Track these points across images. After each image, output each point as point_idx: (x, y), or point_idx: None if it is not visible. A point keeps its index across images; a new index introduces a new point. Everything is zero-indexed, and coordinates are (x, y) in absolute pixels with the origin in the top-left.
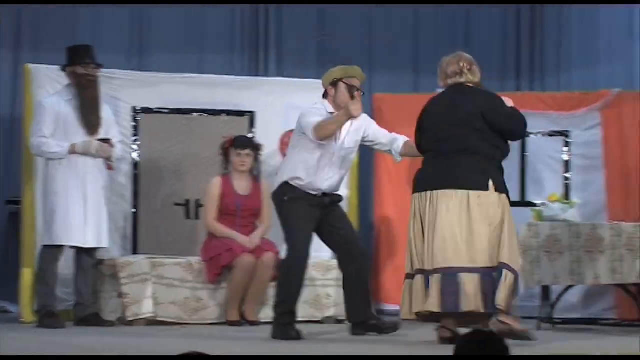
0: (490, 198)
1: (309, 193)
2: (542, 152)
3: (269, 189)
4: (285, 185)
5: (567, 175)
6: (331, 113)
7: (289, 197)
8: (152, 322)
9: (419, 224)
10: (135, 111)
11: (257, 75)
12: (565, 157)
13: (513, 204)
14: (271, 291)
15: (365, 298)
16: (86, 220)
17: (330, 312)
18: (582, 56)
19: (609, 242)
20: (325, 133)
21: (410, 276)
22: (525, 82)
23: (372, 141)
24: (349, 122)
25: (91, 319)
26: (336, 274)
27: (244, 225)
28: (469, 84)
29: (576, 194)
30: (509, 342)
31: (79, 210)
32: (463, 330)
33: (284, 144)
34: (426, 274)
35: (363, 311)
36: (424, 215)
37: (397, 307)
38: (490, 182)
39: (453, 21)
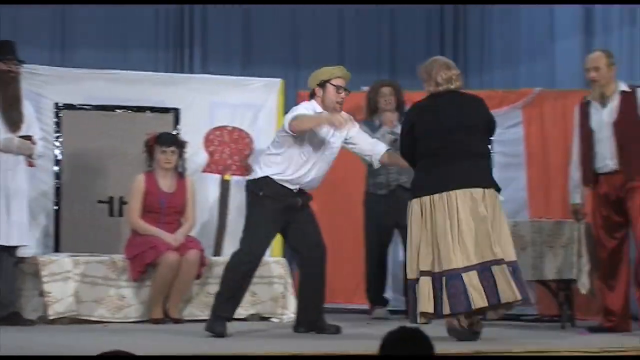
0: (499, 197)
1: (285, 188)
2: None
3: (194, 186)
4: (265, 179)
5: None
6: (319, 113)
7: (264, 193)
8: (74, 320)
9: (426, 226)
10: (58, 107)
11: (182, 72)
12: None
13: None
14: (195, 289)
15: (321, 298)
16: (8, 218)
17: (254, 310)
18: (504, 55)
19: (530, 239)
20: (301, 127)
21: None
22: None
23: (353, 143)
24: None
25: (12, 317)
26: (262, 271)
27: (169, 223)
28: (461, 91)
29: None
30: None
31: (1, 208)
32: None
33: (209, 140)
34: (460, 271)
35: (316, 311)
36: (436, 216)
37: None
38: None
39: (378, 20)
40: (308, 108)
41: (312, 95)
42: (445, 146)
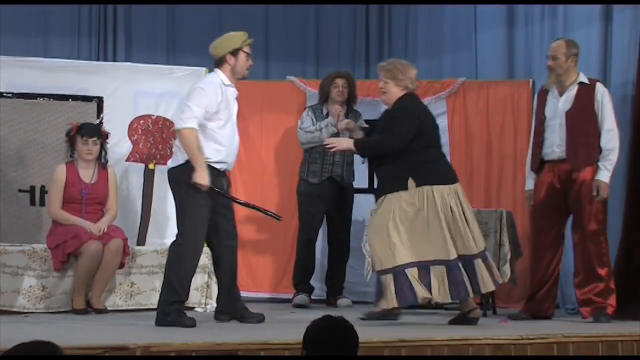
0: None
1: (215, 169)
2: None
3: (115, 176)
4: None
5: None
6: (228, 85)
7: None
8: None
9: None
10: None
11: (105, 60)
12: None
13: (360, 191)
14: (118, 278)
15: (235, 286)
16: None
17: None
18: (428, 45)
19: None
20: (185, 146)
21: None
22: (374, 70)
23: None
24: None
25: None
26: None
27: (91, 213)
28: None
29: None
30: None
31: None
32: None
33: (133, 129)
34: (457, 261)
35: (235, 298)
36: (452, 206)
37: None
38: None
39: (304, 9)
40: (214, 83)
41: (218, 63)
42: (439, 141)
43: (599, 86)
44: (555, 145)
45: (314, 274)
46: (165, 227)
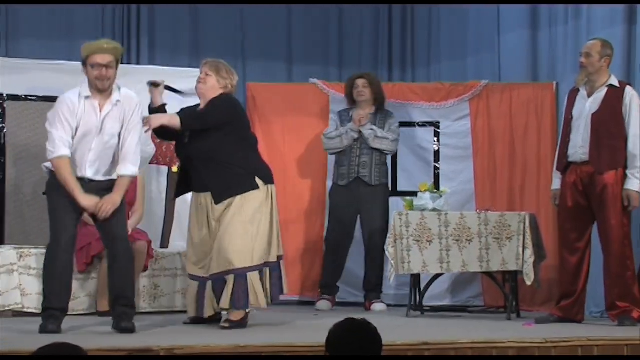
0: None
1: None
2: (413, 142)
3: (144, 179)
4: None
5: (437, 165)
6: (87, 97)
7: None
8: (19, 313)
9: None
10: (2, 98)
11: (128, 63)
12: (435, 147)
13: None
14: (142, 281)
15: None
16: None
17: (157, 303)
18: (452, 48)
19: (477, 231)
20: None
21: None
22: (396, 73)
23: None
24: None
25: None
26: (165, 263)
27: None
28: None
29: (446, 183)
30: None
31: None
32: None
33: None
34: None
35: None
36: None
37: None
38: None
39: (326, 11)
40: (67, 99)
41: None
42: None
43: (629, 89)
44: (578, 146)
45: (341, 278)
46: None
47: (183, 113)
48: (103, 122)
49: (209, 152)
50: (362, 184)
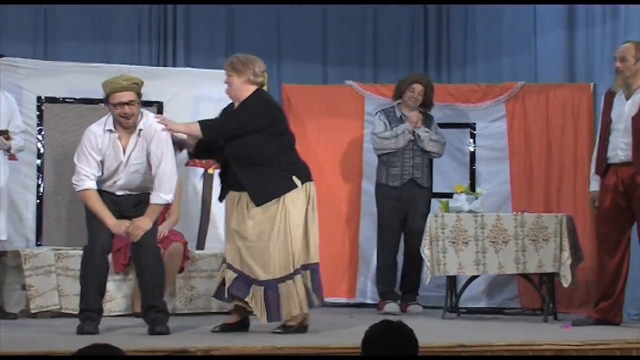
0: None
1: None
2: (449, 143)
3: (181, 181)
4: None
5: (473, 166)
6: (110, 130)
7: None
8: (56, 314)
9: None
10: (40, 101)
11: (165, 65)
12: (472, 149)
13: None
14: (179, 283)
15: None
16: None
17: (193, 305)
18: (488, 49)
19: (513, 233)
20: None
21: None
22: (432, 74)
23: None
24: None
25: None
26: (201, 265)
27: None
28: None
29: (482, 185)
30: None
31: None
32: None
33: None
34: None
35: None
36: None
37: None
38: None
39: (361, 12)
40: (93, 134)
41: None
42: None
43: None
44: (619, 148)
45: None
46: (224, 232)
47: (209, 121)
48: (129, 158)
49: (245, 153)
50: (414, 185)
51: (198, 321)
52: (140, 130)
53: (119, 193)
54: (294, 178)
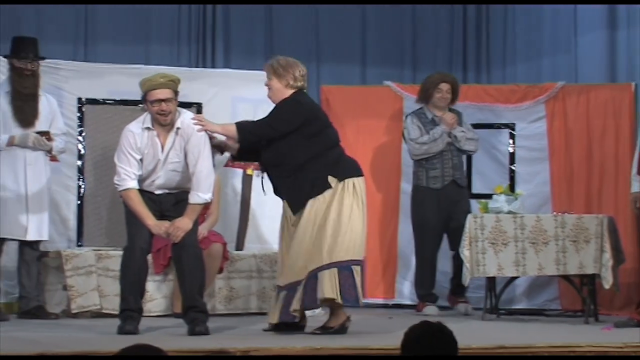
0: None
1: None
2: (488, 144)
3: (220, 182)
4: None
5: (513, 167)
6: (148, 128)
7: None
8: (97, 314)
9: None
10: (81, 102)
11: (204, 66)
12: (511, 149)
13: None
14: (218, 283)
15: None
16: (27, 213)
17: (232, 305)
18: (527, 49)
19: (553, 234)
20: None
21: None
22: (471, 75)
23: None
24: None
25: (35, 311)
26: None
27: None
28: None
29: (521, 185)
30: None
31: (19, 202)
32: None
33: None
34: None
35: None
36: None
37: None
38: None
39: (400, 13)
40: (131, 133)
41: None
42: None
43: None
44: None
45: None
46: (263, 232)
47: (245, 123)
48: (167, 156)
49: (280, 160)
50: (455, 186)
51: (237, 322)
52: (178, 128)
53: (157, 192)
54: (329, 178)
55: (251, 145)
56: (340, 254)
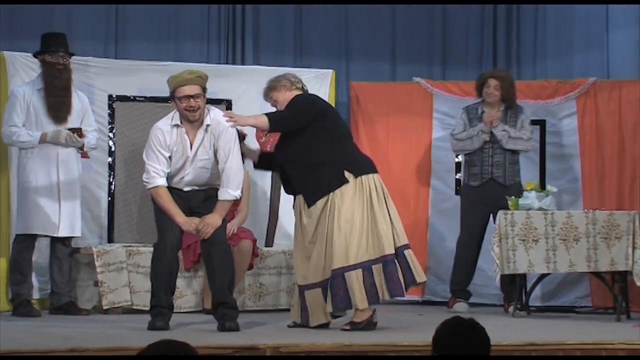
0: None
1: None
2: None
3: (249, 178)
4: None
5: (543, 164)
6: (177, 125)
7: None
8: (128, 310)
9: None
10: (112, 99)
11: (233, 63)
12: (542, 146)
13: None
14: (248, 279)
15: (222, 294)
16: (59, 209)
17: (262, 302)
18: (558, 45)
19: (584, 230)
20: (155, 199)
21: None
22: None
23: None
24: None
25: (67, 307)
26: (270, 262)
27: None
28: None
29: (552, 182)
30: None
31: (51, 199)
32: None
33: (260, 132)
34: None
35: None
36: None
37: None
38: None
39: (430, 9)
40: (160, 130)
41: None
42: None
43: None
44: None
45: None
46: (292, 229)
47: (273, 114)
48: (196, 153)
49: (295, 155)
50: (495, 184)
51: (267, 318)
52: (207, 125)
53: (186, 189)
54: (346, 173)
55: (270, 156)
56: (369, 253)
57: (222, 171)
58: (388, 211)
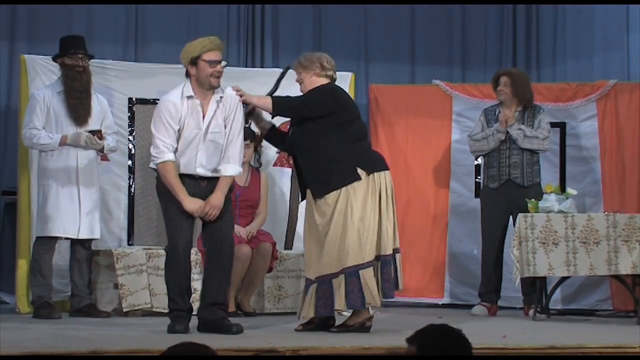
0: None
1: (187, 175)
2: None
3: (268, 181)
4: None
5: (563, 166)
6: (189, 97)
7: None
8: (148, 312)
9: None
10: (131, 102)
11: (253, 66)
12: (561, 148)
13: None
14: (267, 282)
15: (219, 293)
16: (79, 212)
17: (281, 304)
18: (578, 47)
19: (605, 233)
20: (163, 175)
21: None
22: None
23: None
24: (214, 108)
25: (87, 309)
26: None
27: (243, 216)
28: None
29: (572, 185)
30: None
31: (71, 201)
32: None
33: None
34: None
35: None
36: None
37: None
38: None
39: (450, 11)
40: (169, 101)
41: (186, 74)
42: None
43: None
44: None
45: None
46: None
47: (280, 97)
48: (209, 125)
49: (307, 142)
50: (513, 185)
51: (286, 320)
52: (221, 97)
53: (199, 171)
54: (358, 170)
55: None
56: (385, 248)
57: (228, 144)
58: (393, 211)
